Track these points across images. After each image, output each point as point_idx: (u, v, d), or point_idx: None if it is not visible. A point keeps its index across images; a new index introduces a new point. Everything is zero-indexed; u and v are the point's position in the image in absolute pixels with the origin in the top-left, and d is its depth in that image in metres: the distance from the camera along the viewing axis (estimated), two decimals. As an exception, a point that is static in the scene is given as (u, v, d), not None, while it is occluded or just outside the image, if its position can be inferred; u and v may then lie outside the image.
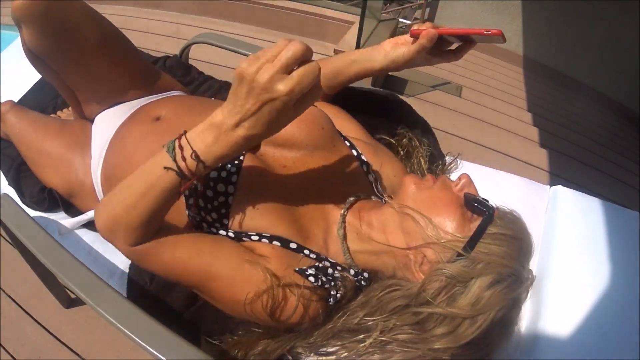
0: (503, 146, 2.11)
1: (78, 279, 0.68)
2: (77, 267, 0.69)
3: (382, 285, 0.63)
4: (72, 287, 0.67)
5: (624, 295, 0.74)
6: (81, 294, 0.66)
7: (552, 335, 0.69)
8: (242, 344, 0.63)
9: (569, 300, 0.73)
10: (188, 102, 0.94)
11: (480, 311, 0.57)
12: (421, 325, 0.59)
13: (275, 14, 2.81)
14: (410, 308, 0.59)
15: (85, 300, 0.65)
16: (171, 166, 0.55)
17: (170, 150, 0.55)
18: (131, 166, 0.83)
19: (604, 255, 0.80)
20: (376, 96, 0.99)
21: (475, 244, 0.59)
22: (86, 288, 0.67)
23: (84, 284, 0.67)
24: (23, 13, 0.78)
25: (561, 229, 0.86)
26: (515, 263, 0.60)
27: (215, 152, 0.54)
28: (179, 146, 0.55)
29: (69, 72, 0.92)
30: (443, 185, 0.67)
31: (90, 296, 0.65)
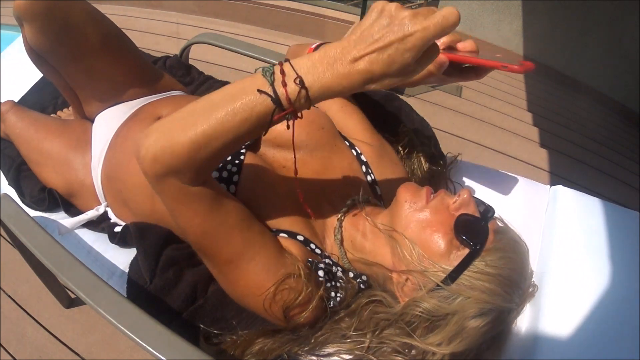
0: (503, 146, 2.11)
1: (78, 279, 0.68)
2: (77, 266, 0.69)
3: (368, 294, 0.64)
4: (72, 287, 0.67)
5: (624, 295, 0.74)
6: (81, 294, 0.66)
7: (552, 336, 0.69)
8: (239, 344, 0.63)
9: (569, 300, 0.73)
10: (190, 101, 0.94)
11: (459, 348, 0.56)
12: (408, 344, 0.59)
13: (275, 14, 2.81)
14: (394, 329, 0.60)
15: (85, 300, 0.65)
16: (267, 90, 0.48)
17: (267, 74, 0.48)
18: (133, 164, 0.83)
19: (604, 255, 0.80)
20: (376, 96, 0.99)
21: (458, 276, 0.58)
22: (86, 288, 0.66)
23: (84, 283, 0.67)
24: (25, 11, 0.78)
25: (561, 229, 0.86)
26: (499, 299, 0.59)
27: (323, 81, 0.47)
28: (280, 71, 0.48)
29: (70, 70, 0.92)
30: (438, 206, 0.64)
31: (90, 296, 0.65)
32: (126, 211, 0.89)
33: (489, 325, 0.58)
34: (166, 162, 0.52)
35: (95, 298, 0.65)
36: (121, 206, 0.90)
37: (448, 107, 2.37)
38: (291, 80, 0.48)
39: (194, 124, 0.51)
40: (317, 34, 2.80)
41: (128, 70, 0.97)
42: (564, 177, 2.00)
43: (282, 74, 0.48)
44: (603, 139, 2.52)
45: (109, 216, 0.93)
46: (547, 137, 2.31)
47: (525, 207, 0.94)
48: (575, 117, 2.76)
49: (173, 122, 0.53)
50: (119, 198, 0.89)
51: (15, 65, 1.31)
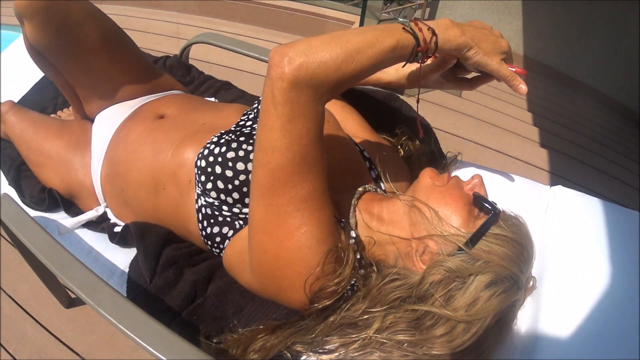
0: (503, 146, 2.11)
1: (78, 279, 0.68)
2: (77, 266, 0.69)
3: (383, 275, 0.63)
4: (72, 287, 0.67)
5: (624, 295, 0.74)
6: (81, 294, 0.66)
7: (552, 335, 0.69)
8: (240, 341, 0.63)
9: (569, 300, 0.73)
10: (191, 101, 0.94)
11: (476, 316, 0.56)
12: (418, 324, 0.58)
13: (275, 14, 2.82)
14: (409, 304, 0.59)
15: (85, 300, 0.65)
16: (409, 30, 0.60)
17: (406, 23, 0.60)
18: (135, 161, 0.83)
19: (604, 255, 0.80)
20: (376, 96, 0.99)
21: (478, 240, 0.60)
22: (86, 288, 0.67)
23: (84, 283, 0.67)
24: (25, 8, 0.78)
25: (561, 229, 0.86)
26: (514, 267, 0.60)
27: (445, 35, 0.61)
28: (414, 23, 0.60)
29: (70, 68, 0.92)
30: (456, 183, 0.68)
31: (90, 296, 0.65)
32: (126, 211, 0.89)
33: (503, 295, 0.58)
34: (313, 71, 0.54)
35: (95, 298, 0.65)
36: (121, 206, 0.90)
37: (448, 107, 2.37)
38: (425, 28, 0.60)
39: (347, 42, 0.56)
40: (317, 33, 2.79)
41: (128, 69, 0.97)
42: (564, 177, 2.00)
43: (416, 25, 0.60)
44: (603, 139, 2.52)
45: (108, 216, 0.93)
46: (547, 137, 2.31)
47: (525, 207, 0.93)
48: (575, 117, 2.76)
49: (323, 38, 0.57)
50: (119, 198, 0.89)
51: (15, 66, 1.31)
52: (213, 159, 0.67)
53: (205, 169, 0.68)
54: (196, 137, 0.78)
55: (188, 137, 0.79)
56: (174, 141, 0.80)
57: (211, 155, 0.68)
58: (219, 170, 0.66)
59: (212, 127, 0.80)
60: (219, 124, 0.80)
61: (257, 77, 2.26)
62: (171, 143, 0.80)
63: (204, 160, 0.68)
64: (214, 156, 0.68)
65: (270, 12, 2.82)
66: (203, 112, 0.86)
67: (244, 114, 0.81)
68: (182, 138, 0.79)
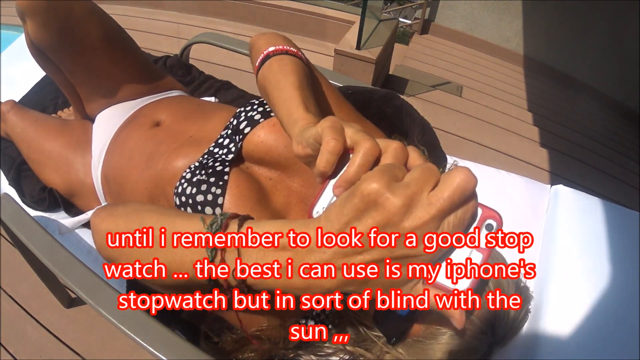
0: (503, 146, 2.11)
1: (78, 279, 0.68)
2: (77, 266, 0.69)
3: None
4: (73, 287, 0.67)
5: (624, 295, 0.74)
6: (81, 294, 0.66)
7: (552, 335, 0.69)
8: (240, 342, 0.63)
9: (569, 299, 0.73)
10: (186, 107, 0.93)
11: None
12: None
13: (275, 14, 2.81)
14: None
15: (85, 299, 0.65)
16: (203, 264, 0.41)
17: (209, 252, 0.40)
18: (130, 169, 0.83)
19: (605, 255, 0.80)
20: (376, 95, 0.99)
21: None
22: (86, 287, 0.67)
23: (84, 283, 0.67)
24: (27, 6, 0.78)
25: (562, 229, 0.86)
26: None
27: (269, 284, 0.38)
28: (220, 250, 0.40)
29: (71, 66, 0.92)
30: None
31: (91, 296, 0.65)
32: (126, 211, 0.89)
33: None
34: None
35: (95, 298, 0.65)
36: (121, 206, 0.90)
37: (448, 107, 2.37)
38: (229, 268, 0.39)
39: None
40: (317, 33, 2.79)
41: (129, 68, 0.97)
42: (564, 177, 2.00)
43: (222, 251, 0.40)
44: (603, 139, 2.52)
45: (109, 216, 0.93)
46: (547, 137, 2.31)
47: (526, 207, 0.94)
48: (575, 117, 2.76)
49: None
50: (118, 199, 0.89)
51: (16, 65, 1.31)
52: (185, 199, 0.66)
53: (180, 207, 0.67)
54: (182, 151, 0.77)
55: (175, 150, 0.78)
56: (163, 153, 0.79)
57: (183, 195, 0.67)
58: (190, 211, 0.65)
59: (198, 140, 0.79)
60: (204, 137, 0.79)
61: (257, 77, 2.26)
62: (161, 155, 0.79)
63: (178, 198, 0.67)
64: (185, 196, 0.66)
65: (270, 12, 2.82)
66: (193, 122, 0.86)
67: (225, 127, 0.78)
68: (170, 151, 0.79)
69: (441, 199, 0.32)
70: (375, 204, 0.33)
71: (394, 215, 0.32)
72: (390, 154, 0.39)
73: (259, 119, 0.71)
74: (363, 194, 0.33)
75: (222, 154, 0.74)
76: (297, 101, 0.53)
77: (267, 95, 0.59)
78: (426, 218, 0.32)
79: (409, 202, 0.32)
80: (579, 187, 0.94)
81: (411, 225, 0.32)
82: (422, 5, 3.34)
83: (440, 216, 0.33)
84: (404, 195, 0.32)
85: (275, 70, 0.60)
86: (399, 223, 0.32)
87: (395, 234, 0.33)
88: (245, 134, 0.71)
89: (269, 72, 0.61)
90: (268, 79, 0.60)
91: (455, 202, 0.33)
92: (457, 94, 2.54)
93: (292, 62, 0.62)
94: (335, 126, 0.42)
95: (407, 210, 0.32)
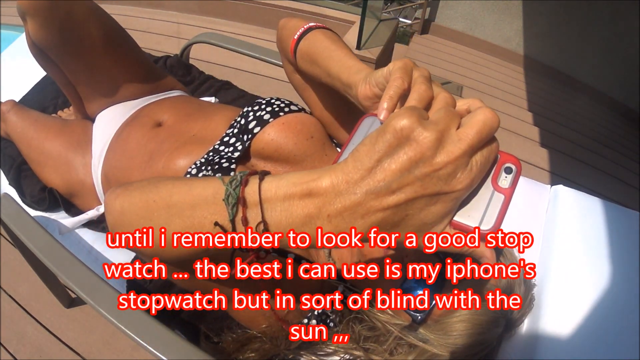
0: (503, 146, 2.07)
1: (78, 279, 0.68)
2: (77, 266, 0.69)
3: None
4: (73, 287, 0.67)
5: (624, 295, 0.74)
6: (81, 294, 0.66)
7: (552, 335, 0.69)
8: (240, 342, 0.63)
9: (569, 299, 0.73)
10: (188, 107, 0.94)
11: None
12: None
13: (276, 14, 2.81)
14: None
15: (85, 299, 0.65)
16: (223, 224, 0.38)
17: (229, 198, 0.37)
18: (132, 170, 0.83)
19: (605, 255, 0.80)
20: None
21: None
22: (86, 287, 0.67)
23: (84, 283, 0.67)
24: (28, 6, 0.79)
25: (562, 229, 0.86)
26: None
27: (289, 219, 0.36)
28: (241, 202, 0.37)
29: (72, 66, 0.92)
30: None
31: (91, 295, 0.65)
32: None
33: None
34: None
35: (95, 298, 0.65)
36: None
37: (448, 107, 2.37)
38: (254, 221, 0.37)
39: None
40: (317, 33, 2.79)
41: (129, 67, 0.98)
42: (564, 177, 2.00)
43: (243, 206, 0.37)
44: (604, 139, 2.52)
45: (109, 216, 0.93)
46: (547, 137, 2.31)
47: (526, 207, 0.94)
48: (576, 117, 2.76)
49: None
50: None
51: (16, 65, 1.31)
52: None
53: None
54: (185, 149, 0.78)
55: (177, 148, 0.79)
56: (164, 152, 0.80)
57: None
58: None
59: (201, 139, 0.80)
60: (207, 136, 0.80)
61: (257, 76, 2.26)
62: (162, 154, 0.80)
63: None
64: None
65: (270, 12, 2.82)
66: (195, 121, 0.86)
67: (230, 125, 0.80)
68: (172, 150, 0.79)
69: (470, 134, 0.33)
70: (408, 139, 0.32)
71: (427, 150, 0.32)
72: (415, 91, 0.41)
73: (269, 119, 0.73)
74: (396, 129, 0.32)
75: (228, 152, 0.75)
76: (355, 58, 0.56)
77: (317, 56, 0.61)
78: (458, 153, 0.32)
79: (440, 137, 0.32)
80: (579, 187, 0.94)
81: (443, 160, 0.32)
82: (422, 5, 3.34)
83: (469, 152, 0.33)
84: (436, 130, 0.32)
85: (322, 38, 0.62)
86: (432, 158, 0.32)
87: (428, 170, 0.32)
88: (254, 134, 0.73)
89: (316, 39, 0.63)
90: (316, 44, 0.62)
91: (483, 138, 0.34)
92: (457, 93, 2.54)
93: (334, 35, 0.65)
94: (407, 67, 0.44)
95: (439, 145, 0.32)
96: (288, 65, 0.76)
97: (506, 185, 0.35)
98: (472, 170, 0.33)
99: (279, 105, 0.75)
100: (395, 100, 0.41)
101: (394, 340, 0.57)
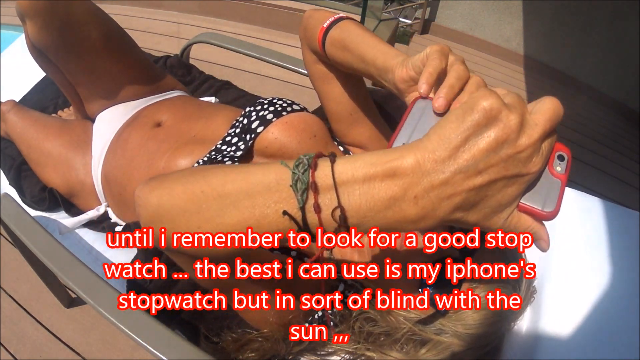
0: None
1: (78, 279, 0.68)
2: (77, 266, 0.69)
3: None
4: (73, 287, 0.67)
5: (624, 295, 0.74)
6: (81, 294, 0.66)
7: (552, 335, 0.69)
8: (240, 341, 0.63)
9: (569, 300, 0.73)
10: (188, 107, 0.94)
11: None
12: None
13: (276, 14, 2.81)
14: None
15: (85, 299, 0.65)
16: (292, 213, 0.35)
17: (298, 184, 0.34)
18: (132, 169, 0.83)
19: (604, 255, 0.80)
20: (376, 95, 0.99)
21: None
22: (86, 287, 0.67)
23: (84, 283, 0.67)
24: (27, 7, 0.78)
25: (561, 229, 0.86)
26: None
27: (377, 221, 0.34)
28: (312, 187, 0.34)
29: (71, 67, 0.92)
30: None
31: (91, 295, 0.65)
32: (126, 211, 0.89)
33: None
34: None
35: (95, 298, 0.65)
36: (121, 206, 0.90)
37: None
38: (329, 209, 0.34)
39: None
40: (317, 33, 2.79)
41: (129, 68, 0.98)
42: (564, 177, 2.00)
43: (315, 190, 0.33)
44: (603, 139, 2.52)
45: (109, 216, 0.93)
46: (547, 137, 2.31)
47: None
48: (576, 117, 2.76)
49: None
50: (118, 199, 0.89)
51: (16, 65, 1.31)
52: None
53: None
54: (186, 149, 0.78)
55: (178, 148, 0.79)
56: (165, 152, 0.80)
57: None
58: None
59: (202, 139, 0.80)
60: (207, 136, 0.80)
61: (257, 76, 2.26)
62: (163, 154, 0.80)
63: None
64: None
65: (270, 12, 2.82)
66: (196, 121, 0.86)
67: (232, 125, 0.80)
68: (172, 149, 0.79)
69: (543, 120, 0.34)
70: (496, 120, 0.32)
71: (512, 132, 0.32)
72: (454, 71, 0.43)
73: (272, 118, 0.73)
74: (485, 109, 0.32)
75: (230, 151, 0.75)
76: (389, 45, 0.57)
77: (351, 43, 0.61)
78: (536, 137, 0.33)
79: (522, 121, 0.33)
80: (579, 187, 0.94)
81: (525, 142, 0.33)
82: (422, 5, 3.34)
83: (543, 136, 0.34)
84: (518, 113, 0.33)
85: (355, 26, 0.64)
86: (516, 140, 0.33)
87: (512, 152, 0.33)
88: (258, 133, 0.73)
89: (349, 27, 0.65)
90: (350, 31, 0.63)
91: (553, 125, 0.35)
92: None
93: (362, 25, 0.66)
94: (443, 50, 0.46)
95: (522, 128, 0.33)
96: (310, 55, 0.74)
97: (561, 171, 0.38)
98: (543, 154, 0.34)
99: (282, 105, 0.75)
100: (435, 77, 0.43)
101: (404, 336, 0.56)
